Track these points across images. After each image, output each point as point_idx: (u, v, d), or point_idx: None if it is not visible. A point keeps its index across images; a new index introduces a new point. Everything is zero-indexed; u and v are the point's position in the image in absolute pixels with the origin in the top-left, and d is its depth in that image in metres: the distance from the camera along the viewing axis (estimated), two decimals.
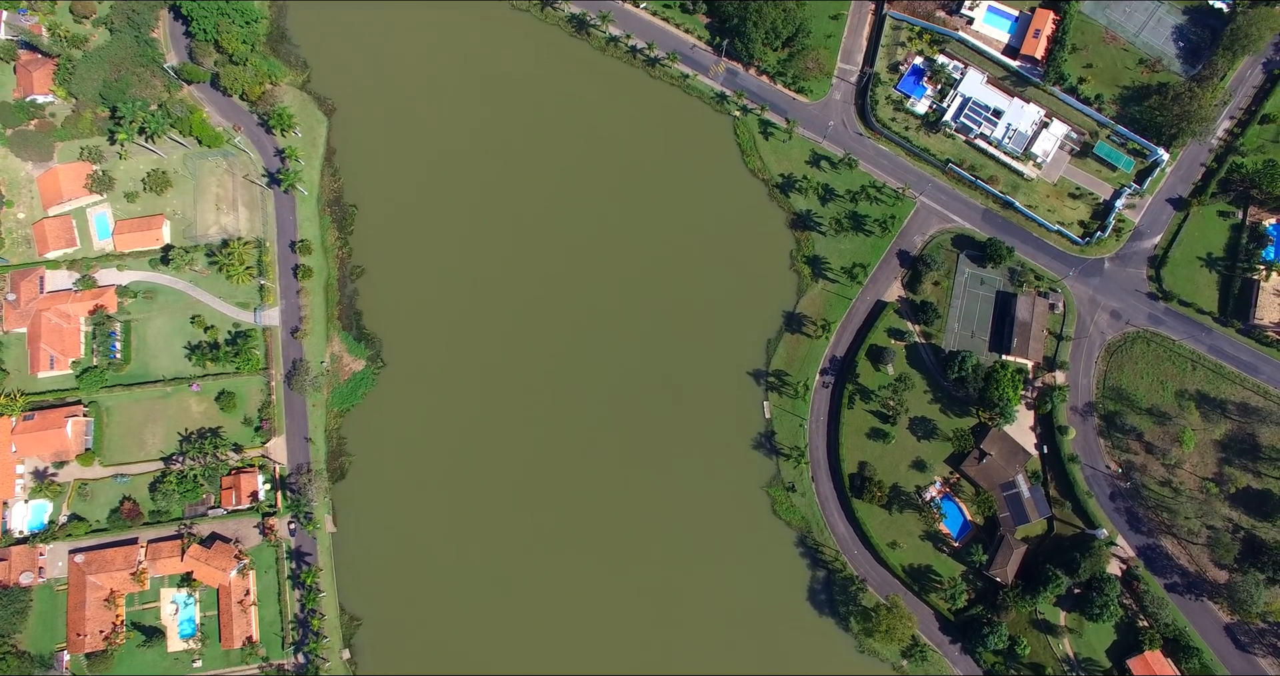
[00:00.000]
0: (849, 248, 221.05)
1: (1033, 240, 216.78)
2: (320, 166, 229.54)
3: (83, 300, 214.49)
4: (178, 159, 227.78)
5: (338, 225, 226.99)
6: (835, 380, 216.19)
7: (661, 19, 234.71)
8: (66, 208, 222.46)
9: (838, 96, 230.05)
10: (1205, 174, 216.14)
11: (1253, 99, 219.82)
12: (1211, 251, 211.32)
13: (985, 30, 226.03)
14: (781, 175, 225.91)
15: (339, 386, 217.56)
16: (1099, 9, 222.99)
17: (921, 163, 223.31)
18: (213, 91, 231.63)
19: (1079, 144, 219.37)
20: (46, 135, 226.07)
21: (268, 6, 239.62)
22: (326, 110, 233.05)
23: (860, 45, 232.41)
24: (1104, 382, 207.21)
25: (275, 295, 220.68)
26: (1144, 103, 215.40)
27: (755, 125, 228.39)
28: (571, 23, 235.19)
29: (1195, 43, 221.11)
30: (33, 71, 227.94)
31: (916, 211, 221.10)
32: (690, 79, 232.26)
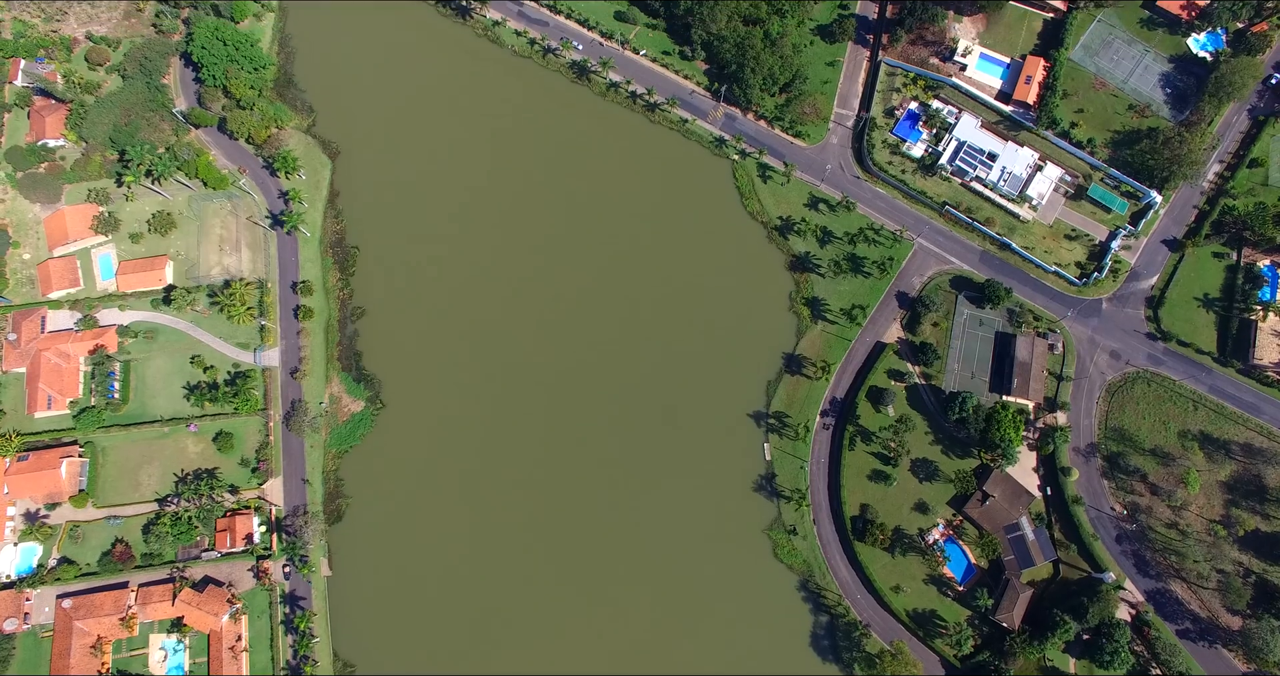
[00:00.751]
0: (848, 289, 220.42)
1: (1030, 281, 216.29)
2: (323, 208, 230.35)
3: (83, 340, 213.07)
4: (183, 201, 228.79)
5: (339, 266, 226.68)
6: (836, 422, 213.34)
7: (661, 65, 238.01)
8: (71, 248, 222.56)
9: (835, 140, 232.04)
10: (1198, 216, 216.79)
11: (1240, 143, 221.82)
12: (1208, 292, 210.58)
13: (978, 76, 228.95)
14: (780, 218, 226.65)
15: (337, 427, 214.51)
16: (1088, 56, 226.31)
17: (918, 205, 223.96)
18: (220, 135, 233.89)
19: (1073, 186, 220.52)
20: (56, 178, 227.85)
21: (276, 53, 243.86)
22: (330, 153, 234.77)
23: (856, 91, 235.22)
24: (1106, 423, 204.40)
25: (275, 336, 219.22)
26: (1135, 146, 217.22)
27: (754, 169, 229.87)
28: (573, 69, 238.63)
29: (1182, 89, 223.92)
30: (46, 117, 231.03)
31: (914, 253, 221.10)
32: (689, 123, 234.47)
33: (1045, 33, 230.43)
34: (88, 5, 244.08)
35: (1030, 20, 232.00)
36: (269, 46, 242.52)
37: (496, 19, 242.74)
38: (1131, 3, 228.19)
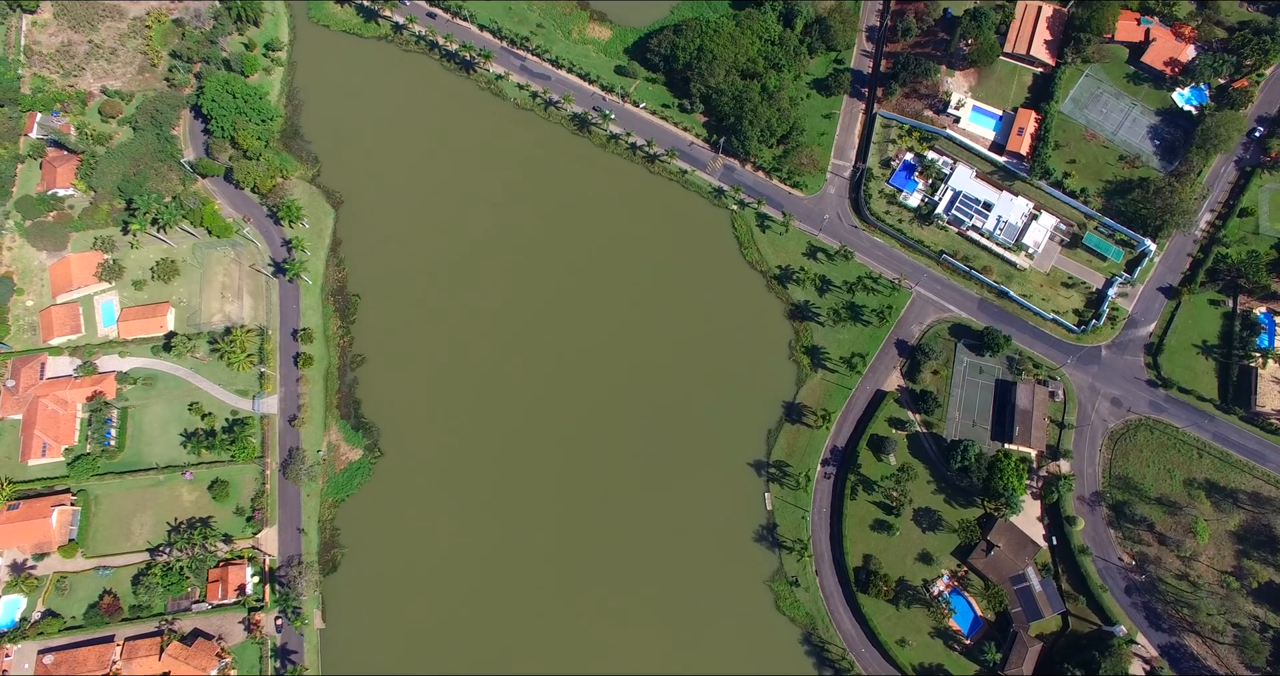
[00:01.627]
0: (847, 338, 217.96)
1: (1029, 329, 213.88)
2: (325, 257, 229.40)
3: (82, 386, 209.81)
4: (187, 248, 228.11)
5: (340, 314, 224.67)
6: (837, 471, 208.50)
7: (660, 118, 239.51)
8: (75, 295, 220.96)
9: (832, 191, 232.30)
10: (1193, 264, 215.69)
11: (1229, 193, 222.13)
12: (1206, 339, 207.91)
13: (971, 128, 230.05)
14: (779, 267, 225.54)
15: (335, 476, 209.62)
16: (1077, 109, 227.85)
17: (916, 254, 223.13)
18: (225, 184, 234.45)
19: (1068, 235, 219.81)
20: (63, 226, 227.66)
21: (284, 105, 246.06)
22: (334, 203, 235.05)
23: (852, 142, 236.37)
24: (1110, 471, 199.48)
25: (275, 383, 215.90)
26: (1127, 196, 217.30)
27: (752, 218, 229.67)
28: (574, 121, 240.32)
29: (1170, 141, 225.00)
30: (57, 167, 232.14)
31: (913, 302, 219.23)
32: (689, 174, 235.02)
33: (1035, 86, 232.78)
34: (104, 62, 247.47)
35: (1020, 74, 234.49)
36: (277, 99, 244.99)
37: (499, 73, 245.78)
38: (1117, 59, 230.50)
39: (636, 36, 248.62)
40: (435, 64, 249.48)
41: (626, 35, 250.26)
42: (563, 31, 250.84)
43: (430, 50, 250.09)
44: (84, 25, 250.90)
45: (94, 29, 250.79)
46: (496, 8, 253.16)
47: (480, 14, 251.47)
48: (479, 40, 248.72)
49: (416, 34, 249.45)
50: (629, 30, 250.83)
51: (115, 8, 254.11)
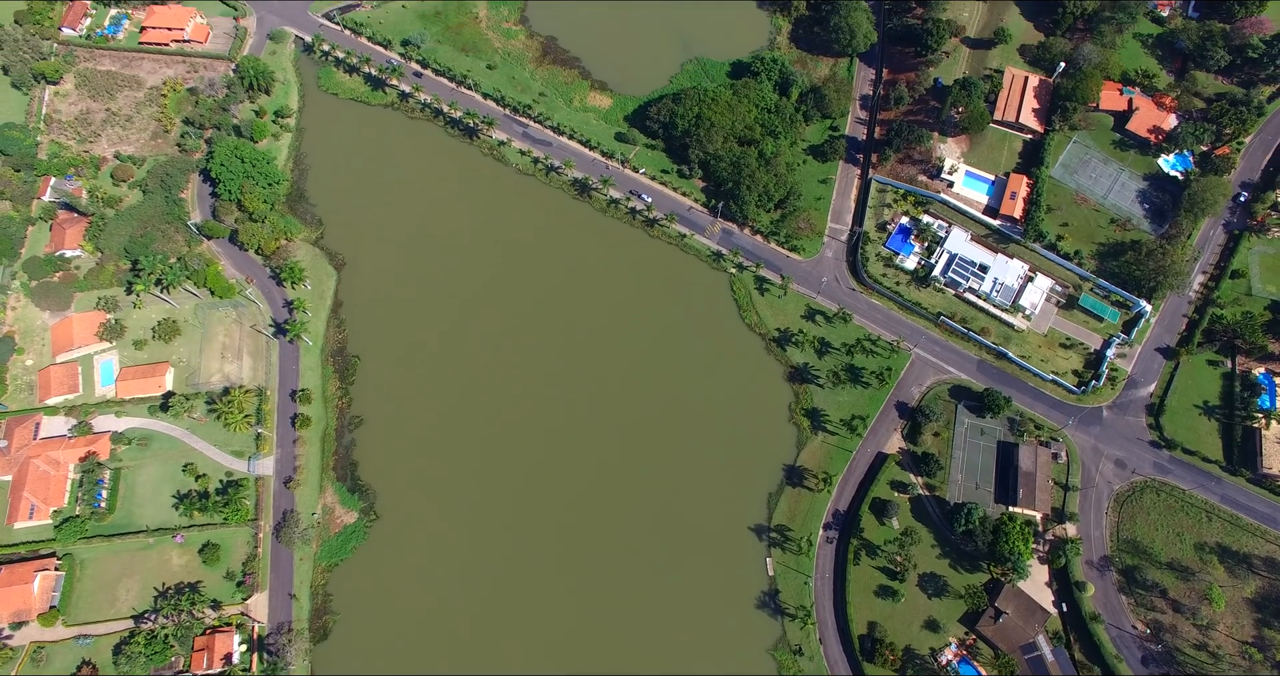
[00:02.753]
0: (847, 400, 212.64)
1: (1029, 390, 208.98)
2: (326, 318, 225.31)
3: (76, 447, 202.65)
4: (189, 309, 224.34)
5: (339, 375, 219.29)
6: (839, 535, 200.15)
7: (660, 183, 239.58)
8: (75, 355, 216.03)
9: (829, 254, 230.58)
10: (1189, 324, 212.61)
11: (1220, 255, 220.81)
12: (1208, 399, 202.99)
13: (965, 192, 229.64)
14: (778, 329, 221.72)
15: (329, 539, 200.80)
16: (1067, 174, 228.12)
17: (914, 316, 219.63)
18: (230, 246, 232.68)
19: (1064, 296, 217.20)
20: (68, 286, 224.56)
21: (290, 169, 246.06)
22: (337, 264, 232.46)
23: (849, 206, 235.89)
24: (1118, 535, 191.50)
25: (271, 444, 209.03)
26: (1120, 258, 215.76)
27: (751, 282, 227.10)
28: (575, 186, 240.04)
29: (1159, 205, 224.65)
30: (67, 229, 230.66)
31: (912, 363, 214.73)
32: (688, 238, 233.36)
33: (1025, 152, 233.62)
34: (119, 128, 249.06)
35: (1010, 141, 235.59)
36: (284, 163, 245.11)
37: (502, 139, 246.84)
38: (1103, 126, 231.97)
39: (636, 104, 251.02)
40: (440, 130, 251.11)
41: (626, 103, 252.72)
42: (564, 99, 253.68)
43: (435, 117, 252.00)
44: (103, 94, 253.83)
45: (112, 98, 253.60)
46: (500, 76, 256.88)
47: (484, 82, 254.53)
48: (483, 108, 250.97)
49: (422, 102, 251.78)
50: (629, 98, 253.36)
51: (134, 78, 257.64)
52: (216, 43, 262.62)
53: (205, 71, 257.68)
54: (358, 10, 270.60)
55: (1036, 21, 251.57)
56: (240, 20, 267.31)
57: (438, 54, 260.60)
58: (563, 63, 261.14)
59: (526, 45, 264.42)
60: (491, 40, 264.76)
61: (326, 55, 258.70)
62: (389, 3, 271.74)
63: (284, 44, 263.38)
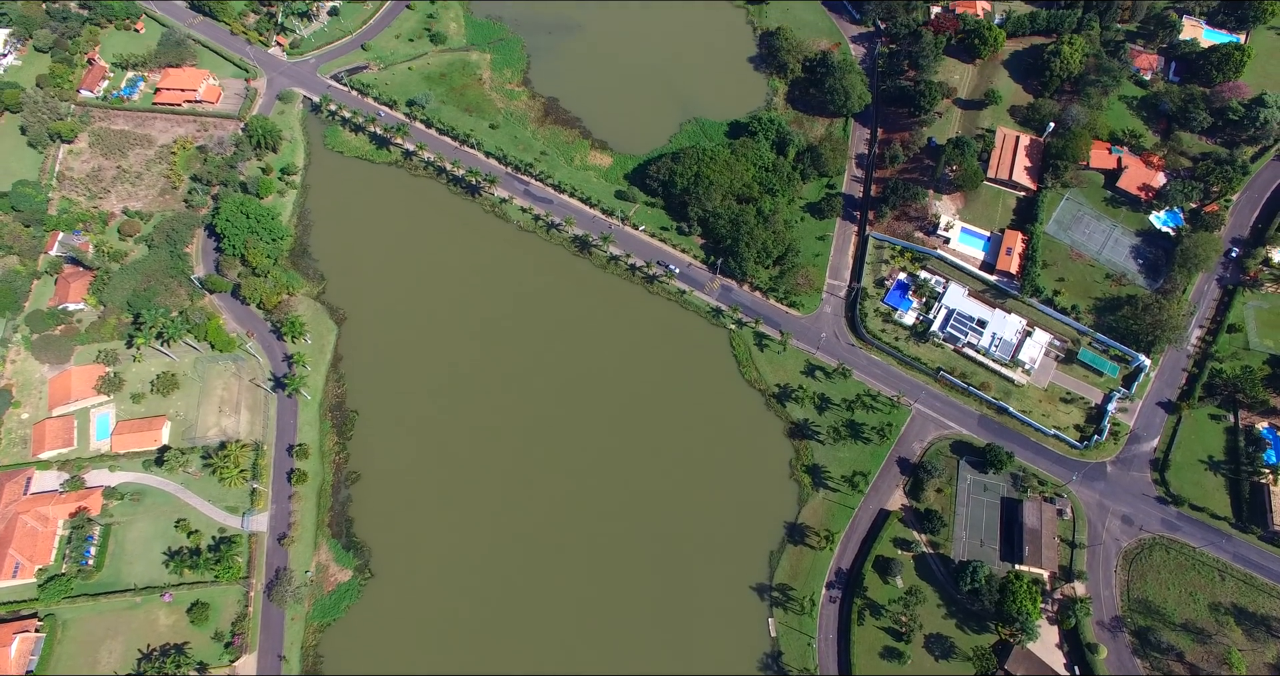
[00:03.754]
0: (848, 456, 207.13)
1: (1031, 445, 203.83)
2: (326, 372, 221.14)
3: (66, 502, 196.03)
4: (189, 362, 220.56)
5: (337, 430, 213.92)
6: (843, 594, 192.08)
7: (659, 240, 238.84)
8: (71, 408, 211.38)
9: (828, 310, 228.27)
10: (1189, 378, 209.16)
11: (1215, 310, 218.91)
12: (1212, 454, 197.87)
13: (961, 248, 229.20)
14: (778, 385, 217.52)
15: (322, 598, 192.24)
16: (1061, 230, 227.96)
17: (914, 371, 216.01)
18: (232, 300, 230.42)
19: (1063, 351, 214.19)
20: (69, 339, 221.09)
21: (294, 225, 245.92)
22: (337, 319, 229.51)
23: (847, 262, 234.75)
24: (1129, 594, 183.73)
25: (266, 499, 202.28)
26: (1117, 313, 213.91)
27: (750, 338, 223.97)
28: (575, 243, 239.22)
29: (1152, 260, 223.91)
30: (71, 283, 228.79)
31: (913, 419, 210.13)
32: (687, 295, 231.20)
33: (1019, 209, 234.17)
34: (129, 185, 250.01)
35: (1004, 198, 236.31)
36: (288, 219, 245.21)
37: (504, 197, 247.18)
38: (1094, 183, 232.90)
39: (636, 163, 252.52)
40: (442, 188, 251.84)
41: (626, 162, 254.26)
42: (565, 158, 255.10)
43: (438, 175, 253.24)
44: (115, 153, 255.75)
45: (124, 156, 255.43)
46: (503, 136, 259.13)
47: (487, 142, 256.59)
48: (485, 166, 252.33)
49: (426, 160, 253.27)
50: (629, 157, 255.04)
51: (145, 136, 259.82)
52: (227, 103, 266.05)
53: (215, 130, 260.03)
54: (365, 72, 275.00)
55: (1025, 84, 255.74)
56: (251, 81, 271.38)
57: (442, 114, 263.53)
58: (564, 123, 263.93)
59: (529, 106, 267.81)
60: (494, 101, 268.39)
61: (333, 115, 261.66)
62: (395, 65, 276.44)
63: (292, 104, 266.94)
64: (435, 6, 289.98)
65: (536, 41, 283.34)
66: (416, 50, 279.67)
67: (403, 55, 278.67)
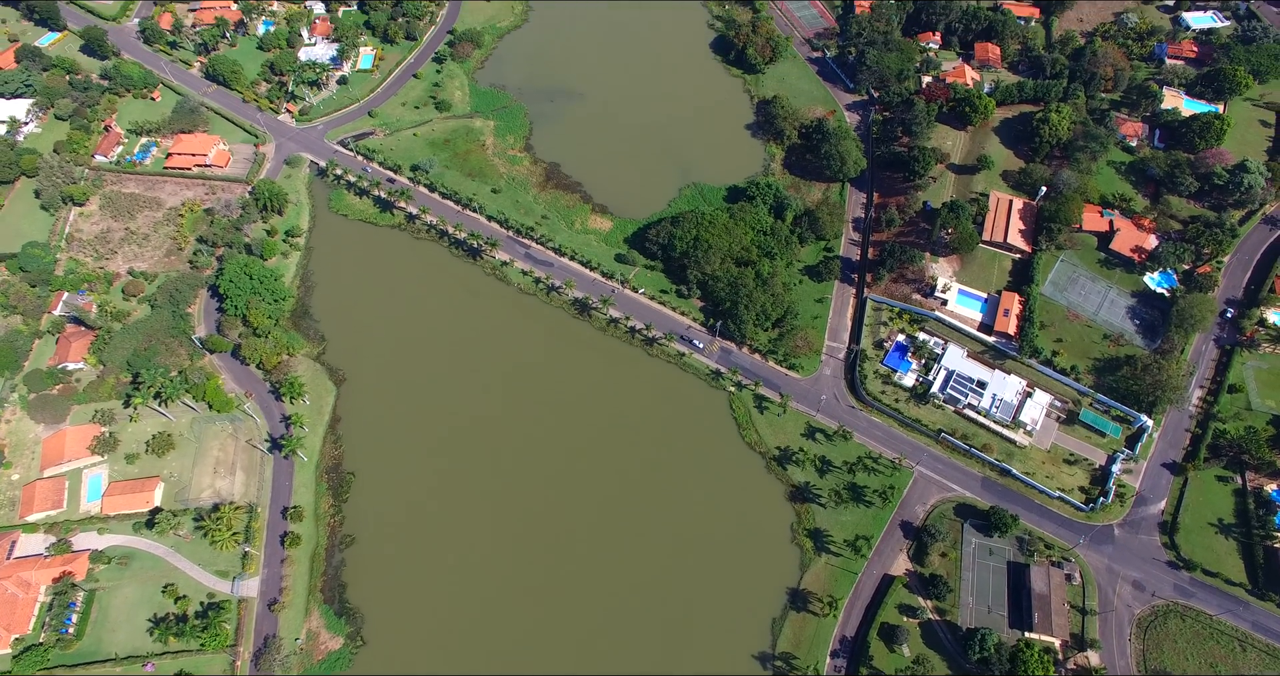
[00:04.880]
0: (850, 519, 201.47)
1: (1036, 507, 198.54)
2: (324, 433, 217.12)
3: (51, 566, 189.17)
4: (185, 423, 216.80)
5: (333, 492, 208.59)
6: (848, 663, 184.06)
7: (659, 303, 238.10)
8: (64, 468, 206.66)
9: (828, 372, 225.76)
10: (1193, 440, 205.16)
11: (1215, 370, 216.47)
12: (1222, 517, 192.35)
13: (959, 310, 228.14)
14: (778, 448, 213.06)
15: (311, 667, 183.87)
16: (1057, 291, 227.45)
17: (914, 433, 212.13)
18: (232, 360, 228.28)
19: (1064, 412, 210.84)
20: (66, 399, 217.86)
21: (297, 286, 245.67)
22: (337, 380, 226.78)
23: (845, 325, 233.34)
24: (1145, 664, 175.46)
25: (258, 563, 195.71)
26: (1117, 373, 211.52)
27: (750, 400, 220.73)
28: (575, 306, 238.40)
29: (1149, 320, 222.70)
30: (73, 342, 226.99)
31: (915, 481, 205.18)
32: (686, 357, 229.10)
33: (1015, 271, 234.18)
34: (136, 246, 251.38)
35: (1000, 260, 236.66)
36: (291, 280, 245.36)
37: (505, 260, 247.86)
38: (1088, 246, 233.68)
39: (636, 227, 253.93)
40: (444, 251, 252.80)
41: (626, 226, 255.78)
42: (566, 222, 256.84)
43: (440, 238, 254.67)
44: (124, 215, 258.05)
45: (132, 218, 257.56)
46: (505, 200, 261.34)
47: (489, 205, 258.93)
48: (487, 229, 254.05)
49: (428, 223, 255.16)
50: (629, 221, 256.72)
51: (155, 199, 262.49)
52: (236, 167, 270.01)
53: (223, 193, 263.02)
54: (371, 138, 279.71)
55: (1015, 149, 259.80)
56: (260, 147, 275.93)
57: (445, 178, 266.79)
58: (565, 187, 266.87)
59: (530, 171, 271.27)
60: (497, 166, 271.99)
61: (339, 179, 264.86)
62: (401, 131, 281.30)
63: (299, 168, 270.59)
64: (441, 75, 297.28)
65: (539, 109, 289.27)
66: (422, 117, 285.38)
67: (408, 122, 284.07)
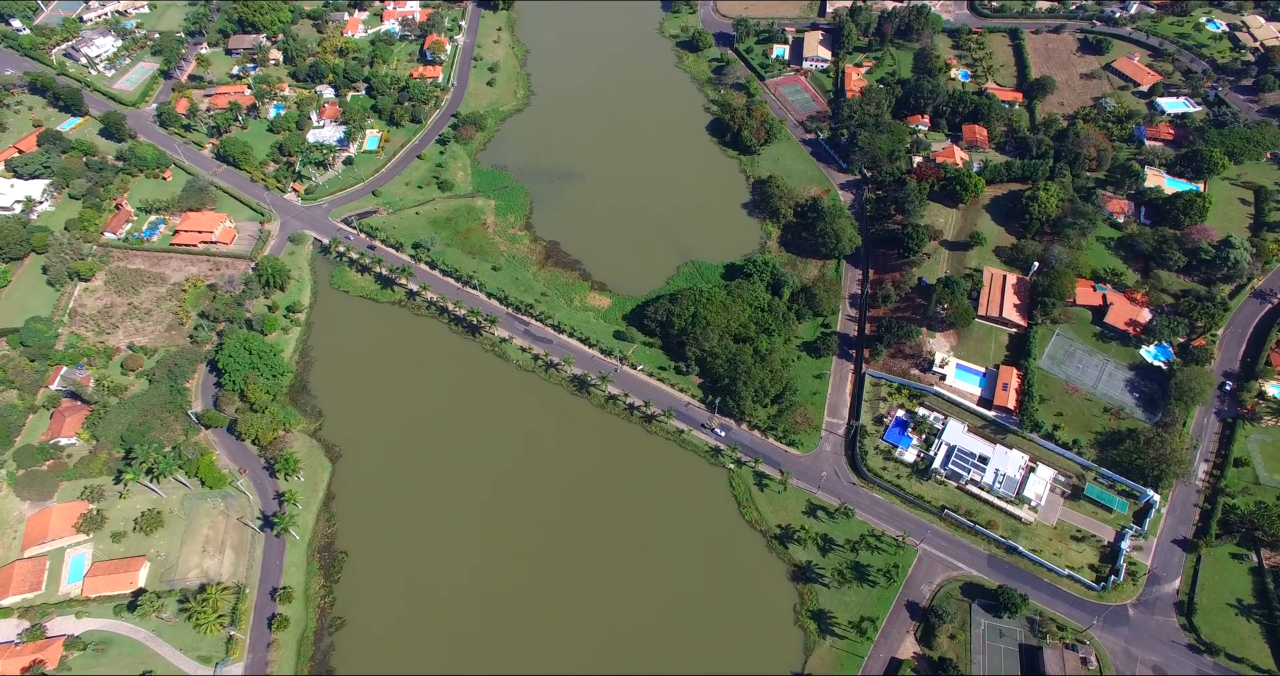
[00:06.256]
0: (855, 600, 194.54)
1: (1045, 587, 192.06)
2: (317, 511, 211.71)
3: (21, 655, 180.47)
4: (176, 499, 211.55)
5: (324, 572, 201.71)
6: None
7: (657, 380, 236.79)
8: (46, 548, 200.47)
9: (828, 448, 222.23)
10: (1202, 515, 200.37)
11: (1219, 443, 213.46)
12: (1241, 597, 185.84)
13: (958, 385, 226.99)
14: (779, 526, 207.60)
15: None
16: (1055, 365, 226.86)
17: (917, 510, 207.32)
18: (227, 436, 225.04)
19: (1068, 487, 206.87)
20: (55, 475, 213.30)
21: (296, 361, 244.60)
22: (333, 456, 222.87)
23: (844, 400, 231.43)
24: None
25: (243, 648, 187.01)
26: (1120, 446, 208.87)
27: (750, 477, 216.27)
28: (573, 382, 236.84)
29: (1149, 393, 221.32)
30: (67, 417, 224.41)
31: (920, 559, 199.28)
32: (685, 434, 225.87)
33: (1012, 345, 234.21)
34: (137, 321, 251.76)
35: (997, 334, 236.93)
36: (290, 355, 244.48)
37: (504, 336, 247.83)
38: (1083, 320, 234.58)
39: (634, 304, 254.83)
40: (444, 327, 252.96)
41: (625, 303, 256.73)
42: (565, 299, 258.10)
43: (440, 315, 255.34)
44: (128, 290, 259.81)
45: (136, 293, 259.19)
46: (505, 277, 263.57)
47: (489, 283, 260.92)
48: (486, 306, 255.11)
49: (429, 300, 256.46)
50: (627, 299, 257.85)
51: (159, 275, 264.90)
52: (241, 244, 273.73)
53: (227, 269, 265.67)
54: (374, 216, 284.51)
55: (1006, 226, 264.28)
56: (266, 224, 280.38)
57: (446, 256, 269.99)
58: (564, 265, 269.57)
59: (530, 249, 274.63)
60: (498, 244, 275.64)
61: (341, 256, 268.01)
62: (404, 210, 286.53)
63: (303, 245, 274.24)
64: (444, 156, 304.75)
65: (539, 189, 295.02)
66: (425, 196, 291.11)
67: (411, 201, 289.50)
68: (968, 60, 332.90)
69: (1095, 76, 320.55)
